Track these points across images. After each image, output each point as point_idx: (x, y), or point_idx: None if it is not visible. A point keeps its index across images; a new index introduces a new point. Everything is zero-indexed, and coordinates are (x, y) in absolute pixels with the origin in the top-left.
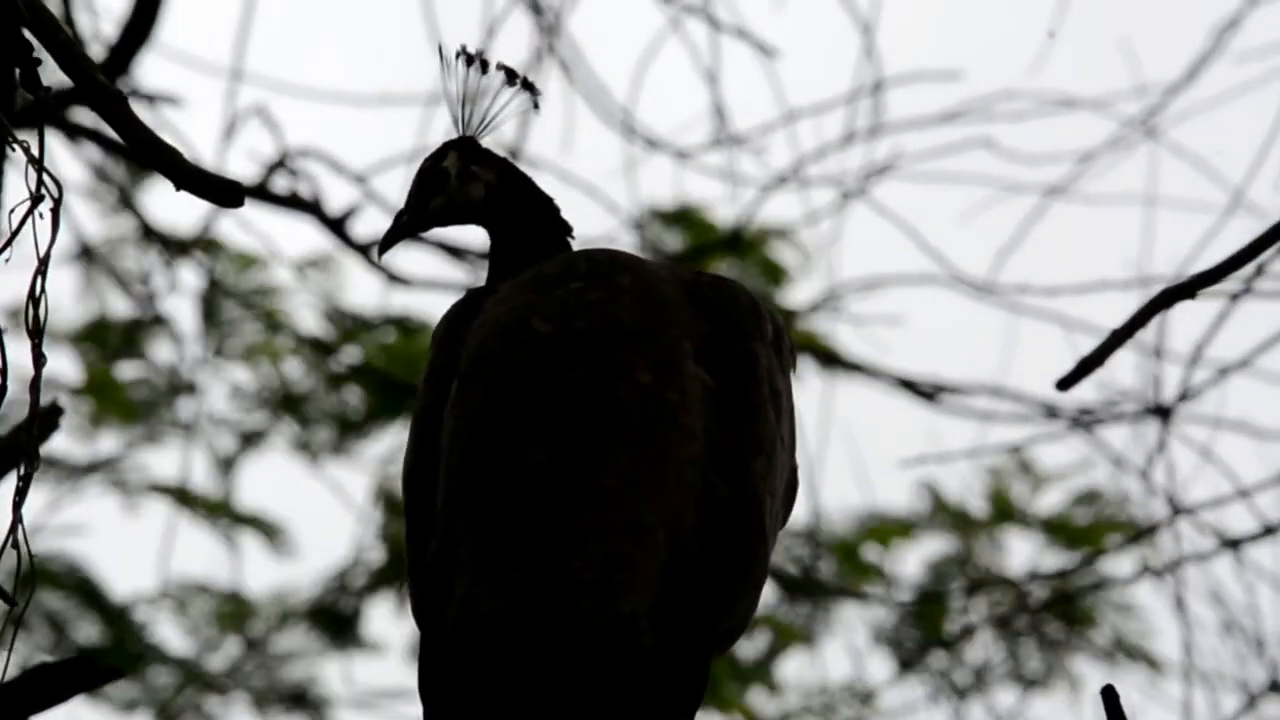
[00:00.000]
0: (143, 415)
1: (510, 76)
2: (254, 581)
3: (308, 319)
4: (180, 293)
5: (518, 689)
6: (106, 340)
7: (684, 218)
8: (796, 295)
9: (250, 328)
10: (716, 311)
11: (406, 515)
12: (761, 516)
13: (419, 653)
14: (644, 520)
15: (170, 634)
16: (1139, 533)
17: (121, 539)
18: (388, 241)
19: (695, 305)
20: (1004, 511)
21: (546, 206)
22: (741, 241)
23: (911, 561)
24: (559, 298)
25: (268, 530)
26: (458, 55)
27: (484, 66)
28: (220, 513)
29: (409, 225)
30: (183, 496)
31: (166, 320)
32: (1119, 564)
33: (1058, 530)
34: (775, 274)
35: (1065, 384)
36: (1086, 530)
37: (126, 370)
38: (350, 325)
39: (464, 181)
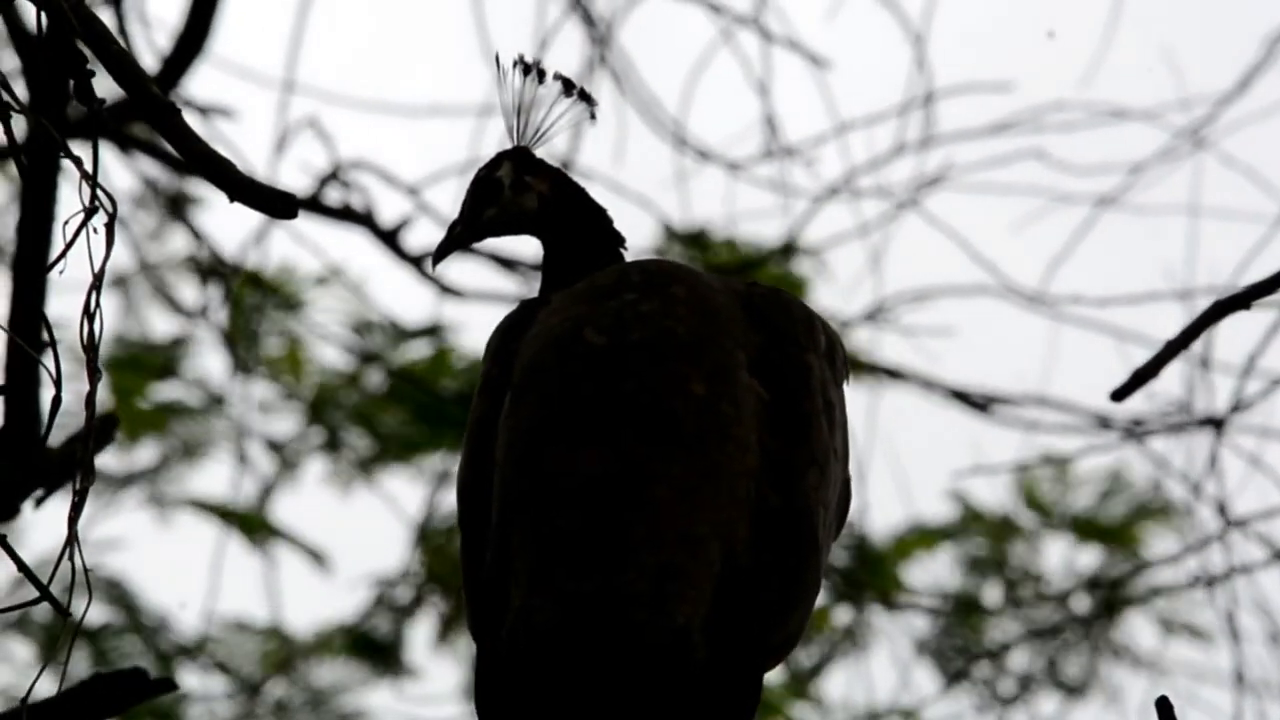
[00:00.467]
0: (180, 432)
1: (567, 87)
2: (294, 600)
3: (347, 333)
4: (224, 307)
5: (571, 701)
6: (147, 358)
7: (699, 240)
8: (848, 306)
9: (291, 342)
10: (770, 323)
11: (461, 528)
12: (814, 528)
13: (474, 666)
14: (697, 532)
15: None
16: (1191, 545)
17: (158, 554)
18: (441, 252)
19: (748, 316)
20: (1048, 519)
21: (600, 218)
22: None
23: (951, 570)
24: (612, 309)
25: (309, 551)
26: (515, 65)
27: (540, 76)
28: (259, 529)
29: (462, 236)
30: (223, 514)
31: (210, 334)
32: (1168, 572)
33: (1103, 537)
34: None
35: (1119, 395)
36: (1129, 535)
37: (166, 390)
38: (390, 337)
39: (517, 192)
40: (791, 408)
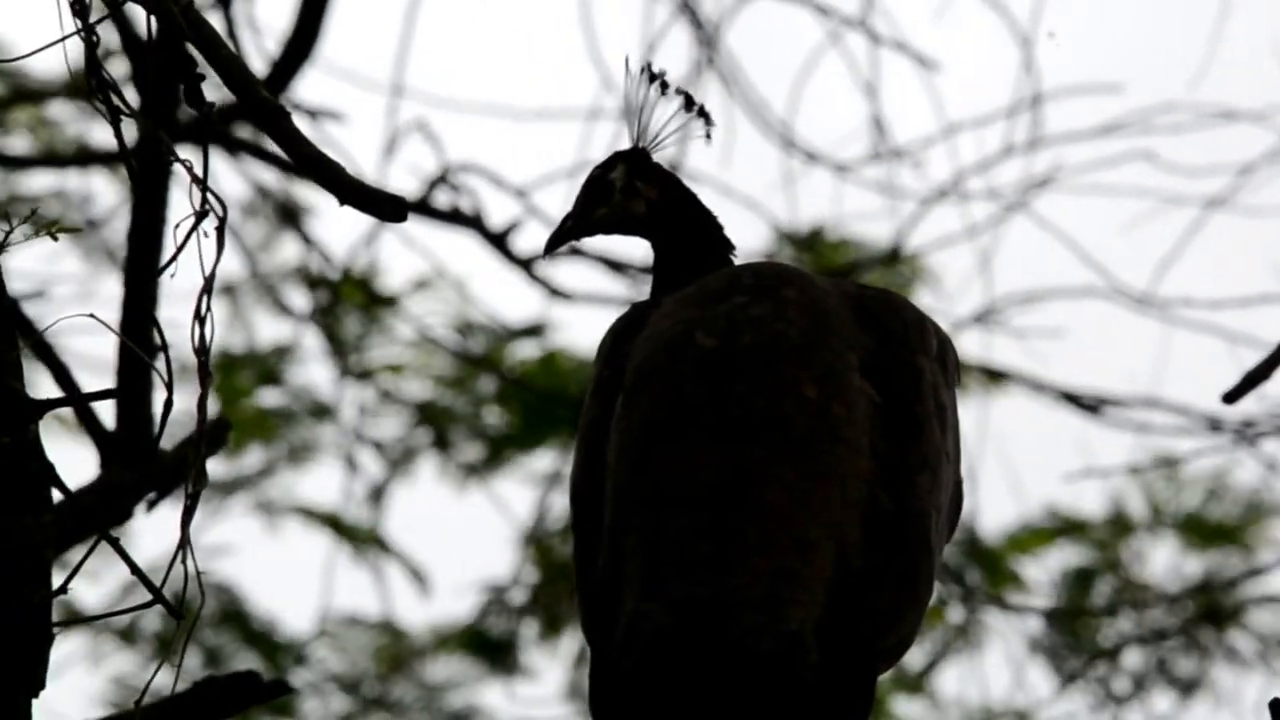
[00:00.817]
0: (288, 437)
1: (688, 102)
2: (406, 602)
3: (454, 335)
4: (332, 312)
5: (685, 705)
6: (254, 364)
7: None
8: (957, 308)
9: (400, 345)
10: (881, 325)
11: (574, 531)
12: (927, 531)
13: (589, 670)
14: (810, 535)
15: (328, 666)
16: None
17: (267, 555)
18: (552, 244)
19: (859, 319)
20: (1159, 520)
21: (709, 225)
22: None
23: (1060, 570)
24: (724, 312)
25: (412, 569)
26: (641, 70)
27: (664, 87)
28: (366, 541)
29: (572, 230)
30: (330, 523)
31: (318, 340)
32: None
33: (1212, 538)
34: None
35: (1231, 397)
36: (1239, 536)
37: (273, 396)
38: (498, 339)
39: (627, 196)
40: (903, 410)
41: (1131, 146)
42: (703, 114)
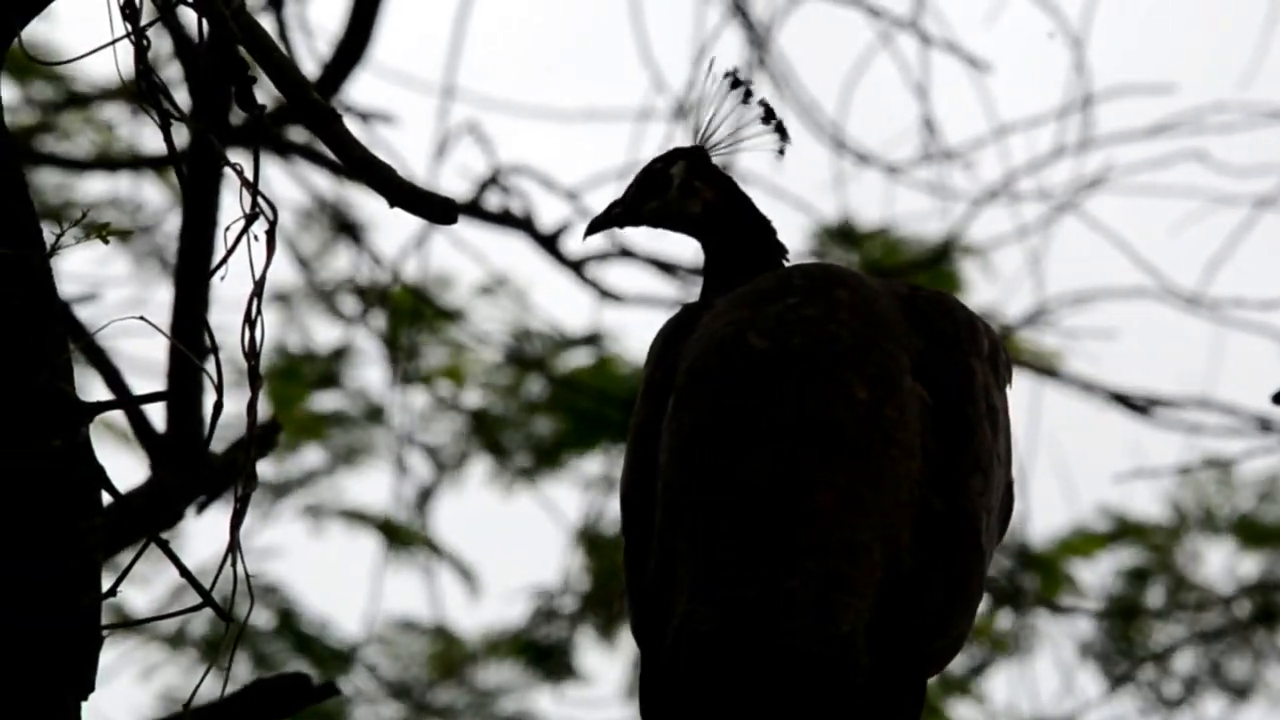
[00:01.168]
0: (340, 440)
1: (768, 114)
2: (457, 607)
3: (508, 340)
4: (384, 317)
5: (737, 709)
6: (307, 367)
7: (857, 241)
8: (1008, 308)
9: (452, 350)
10: (932, 326)
11: (624, 533)
12: (978, 534)
13: (640, 673)
14: (861, 539)
15: (379, 671)
16: None
17: (318, 557)
18: (595, 226)
19: (911, 320)
20: (1210, 522)
21: (763, 230)
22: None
23: (1113, 573)
24: (775, 313)
25: (462, 569)
26: (725, 74)
27: (747, 95)
28: (415, 542)
29: (619, 217)
30: (385, 528)
31: (371, 345)
32: None
33: (1264, 540)
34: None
35: None
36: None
37: (326, 399)
38: (552, 345)
39: (685, 194)
40: (954, 412)
41: (1182, 147)
42: (780, 129)
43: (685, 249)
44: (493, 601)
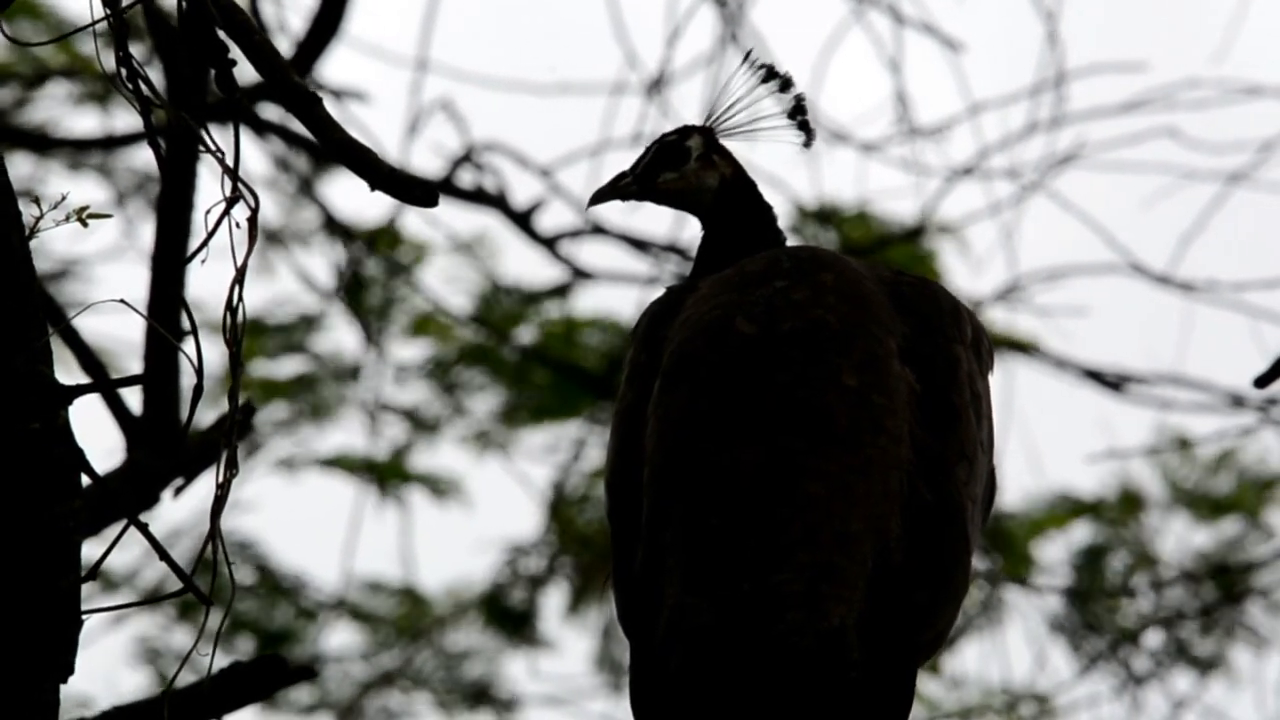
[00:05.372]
0: (310, 399)
1: (798, 108)
2: (428, 565)
3: (471, 303)
4: (357, 280)
5: (727, 700)
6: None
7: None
8: (979, 285)
9: (420, 313)
10: (917, 312)
11: (610, 519)
12: (965, 524)
13: (629, 663)
14: (851, 529)
15: (348, 635)
16: None
17: (289, 517)
18: (601, 196)
19: (896, 305)
20: (1177, 495)
21: (767, 214)
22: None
23: (1083, 549)
24: (763, 297)
25: (438, 487)
26: (762, 65)
27: (785, 86)
28: (393, 478)
29: (630, 189)
30: (355, 466)
31: (344, 307)
32: None
33: (1225, 510)
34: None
35: (1262, 382)
36: (1250, 506)
37: (293, 364)
38: (518, 303)
39: (704, 165)
40: (940, 400)
41: (1155, 123)
42: (805, 126)
43: (659, 226)
44: (464, 561)
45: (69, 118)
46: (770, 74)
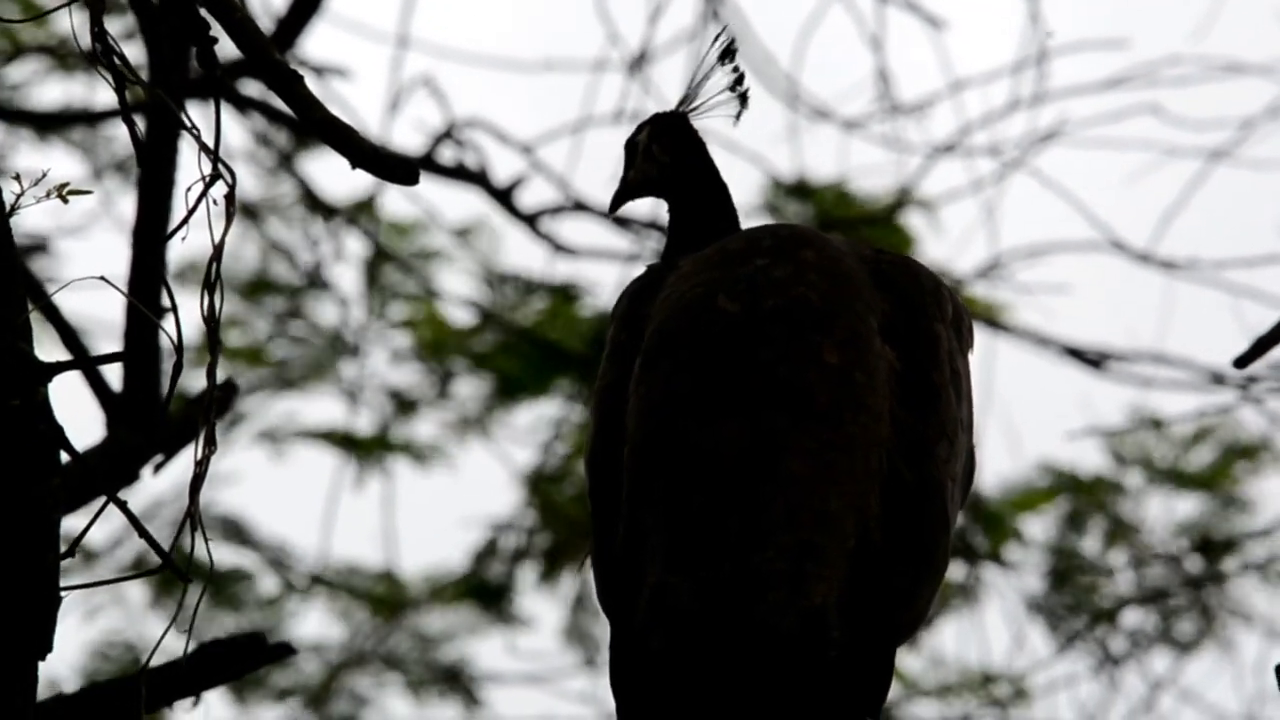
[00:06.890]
0: (292, 373)
1: (738, 81)
2: (408, 544)
3: (466, 284)
4: (342, 257)
5: (710, 681)
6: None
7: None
8: (961, 262)
9: (410, 293)
10: (898, 291)
11: (591, 498)
12: (944, 503)
13: (610, 643)
14: (832, 508)
15: (321, 618)
16: None
17: (271, 493)
18: (617, 201)
19: (877, 283)
20: (1155, 473)
21: (718, 192)
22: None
23: (1062, 527)
24: (745, 275)
25: (420, 454)
26: (719, 39)
27: (729, 56)
28: (375, 450)
29: (618, 194)
30: (333, 437)
31: (328, 285)
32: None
33: (1204, 485)
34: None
35: (1242, 362)
36: (1228, 480)
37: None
38: (512, 289)
39: (646, 159)
40: (920, 379)
41: (1137, 100)
42: (743, 98)
43: (640, 204)
44: (444, 541)
45: (41, 89)
46: (727, 50)
